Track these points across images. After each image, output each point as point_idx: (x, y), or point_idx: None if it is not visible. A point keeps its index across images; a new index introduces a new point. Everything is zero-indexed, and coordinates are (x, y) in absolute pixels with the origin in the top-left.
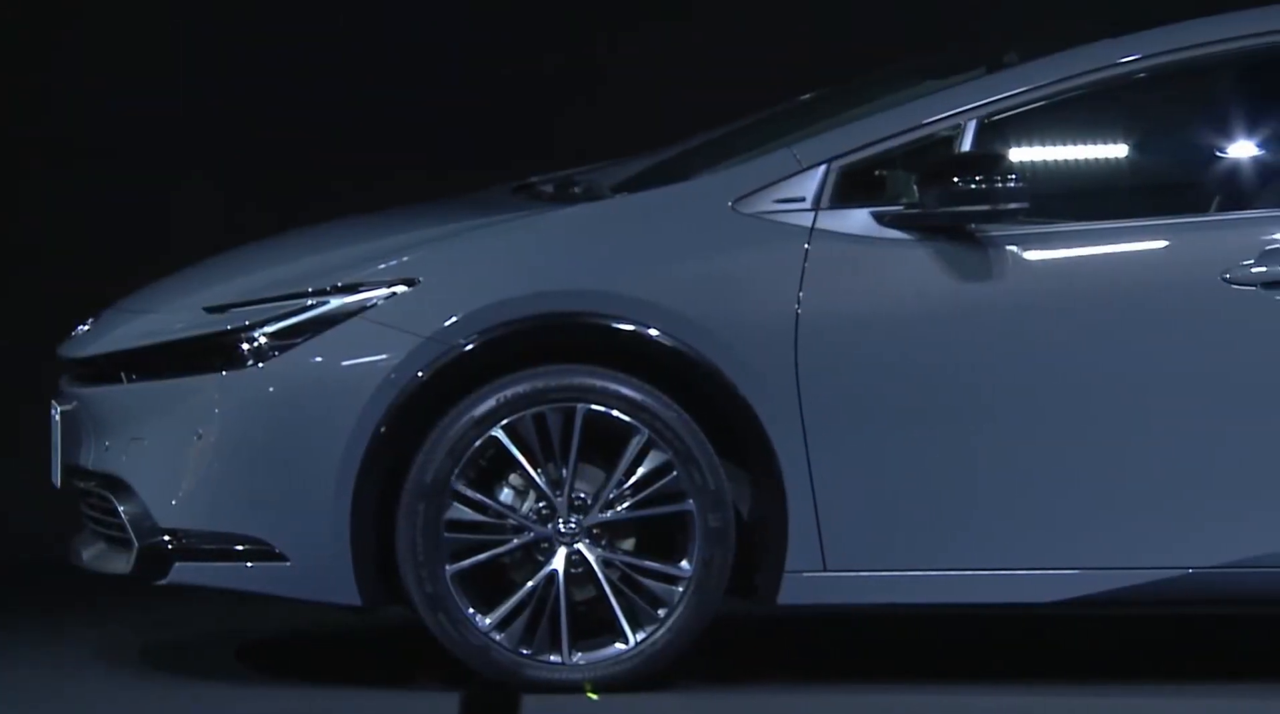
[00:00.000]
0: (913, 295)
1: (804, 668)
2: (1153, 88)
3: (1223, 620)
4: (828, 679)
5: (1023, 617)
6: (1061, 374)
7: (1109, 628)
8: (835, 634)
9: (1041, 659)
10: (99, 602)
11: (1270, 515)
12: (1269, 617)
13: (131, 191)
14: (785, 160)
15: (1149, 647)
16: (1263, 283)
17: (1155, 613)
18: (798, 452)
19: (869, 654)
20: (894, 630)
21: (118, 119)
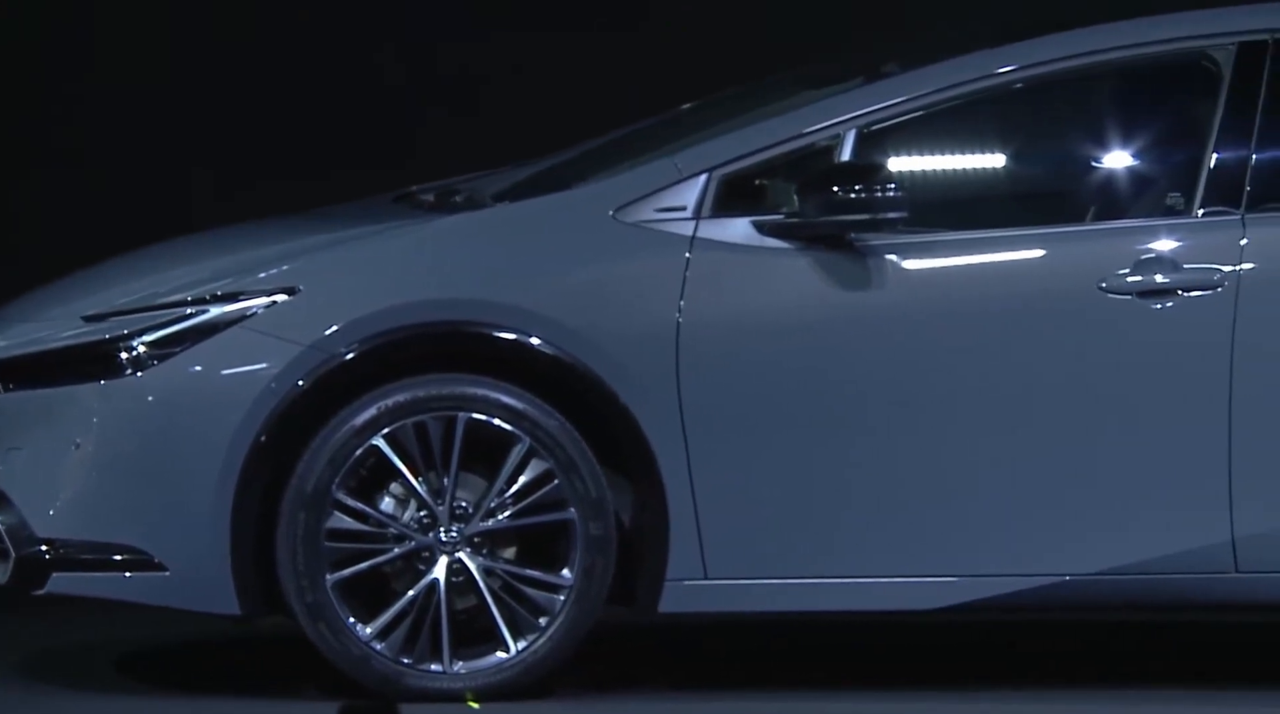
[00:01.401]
0: (793, 304)
1: (685, 676)
2: (1030, 98)
3: (1099, 628)
4: (709, 687)
5: (900, 624)
6: (940, 382)
7: (998, 632)
8: (717, 641)
9: (922, 665)
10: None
11: (1145, 523)
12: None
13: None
14: (666, 169)
15: (1028, 650)
16: (1138, 292)
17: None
18: (679, 460)
19: (750, 661)
20: (776, 637)
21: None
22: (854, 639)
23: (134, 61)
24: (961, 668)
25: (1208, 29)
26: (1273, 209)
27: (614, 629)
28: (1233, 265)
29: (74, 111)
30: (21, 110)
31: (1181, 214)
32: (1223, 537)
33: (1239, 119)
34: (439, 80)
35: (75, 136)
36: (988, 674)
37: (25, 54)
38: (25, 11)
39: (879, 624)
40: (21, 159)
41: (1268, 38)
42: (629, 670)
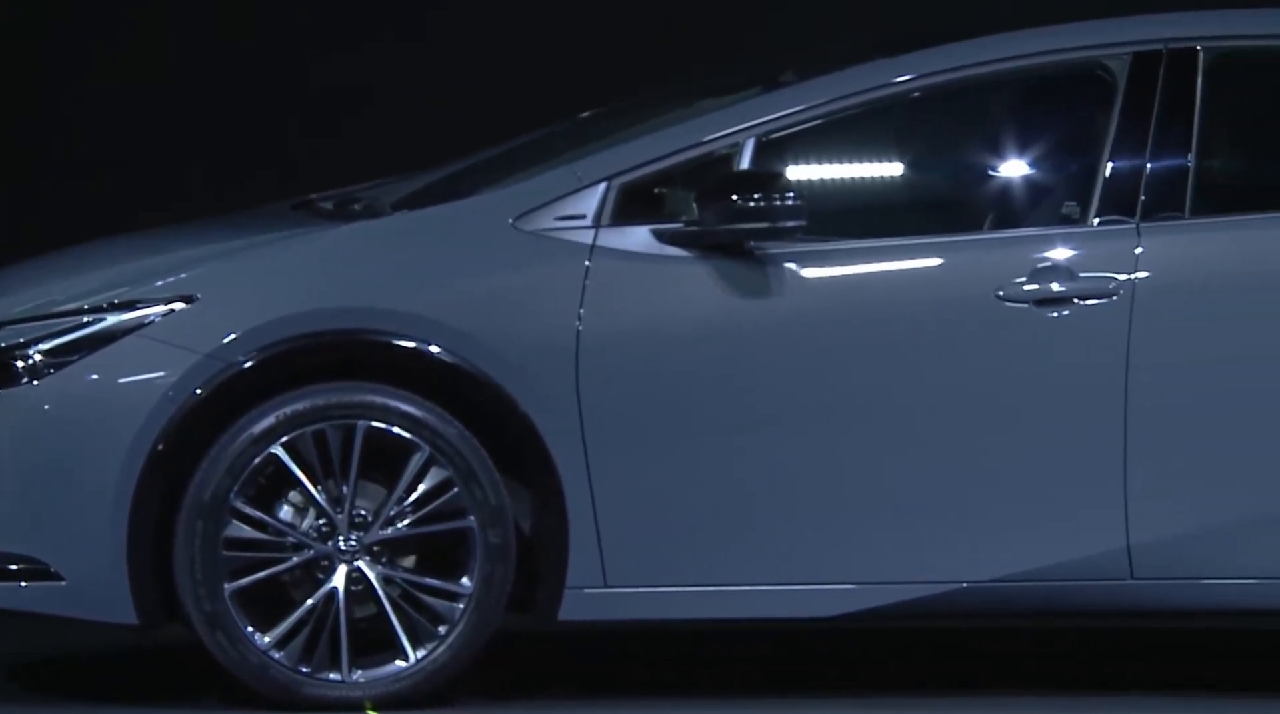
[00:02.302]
0: (692, 312)
1: (585, 683)
2: (927, 107)
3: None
4: (609, 695)
5: (806, 630)
6: (838, 390)
7: (884, 639)
8: (617, 649)
9: (824, 669)
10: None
11: (1042, 530)
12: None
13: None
14: (566, 177)
15: (919, 656)
16: (1035, 300)
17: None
18: (579, 468)
19: (651, 669)
20: (677, 645)
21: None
22: (755, 645)
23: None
24: (869, 671)
25: (1102, 39)
26: (1167, 218)
27: (515, 636)
28: (1128, 274)
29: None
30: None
31: (1077, 223)
32: (1118, 544)
33: (1134, 129)
34: (334, 89)
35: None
36: (897, 677)
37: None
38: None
39: (781, 630)
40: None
41: (1161, 48)
42: (529, 678)
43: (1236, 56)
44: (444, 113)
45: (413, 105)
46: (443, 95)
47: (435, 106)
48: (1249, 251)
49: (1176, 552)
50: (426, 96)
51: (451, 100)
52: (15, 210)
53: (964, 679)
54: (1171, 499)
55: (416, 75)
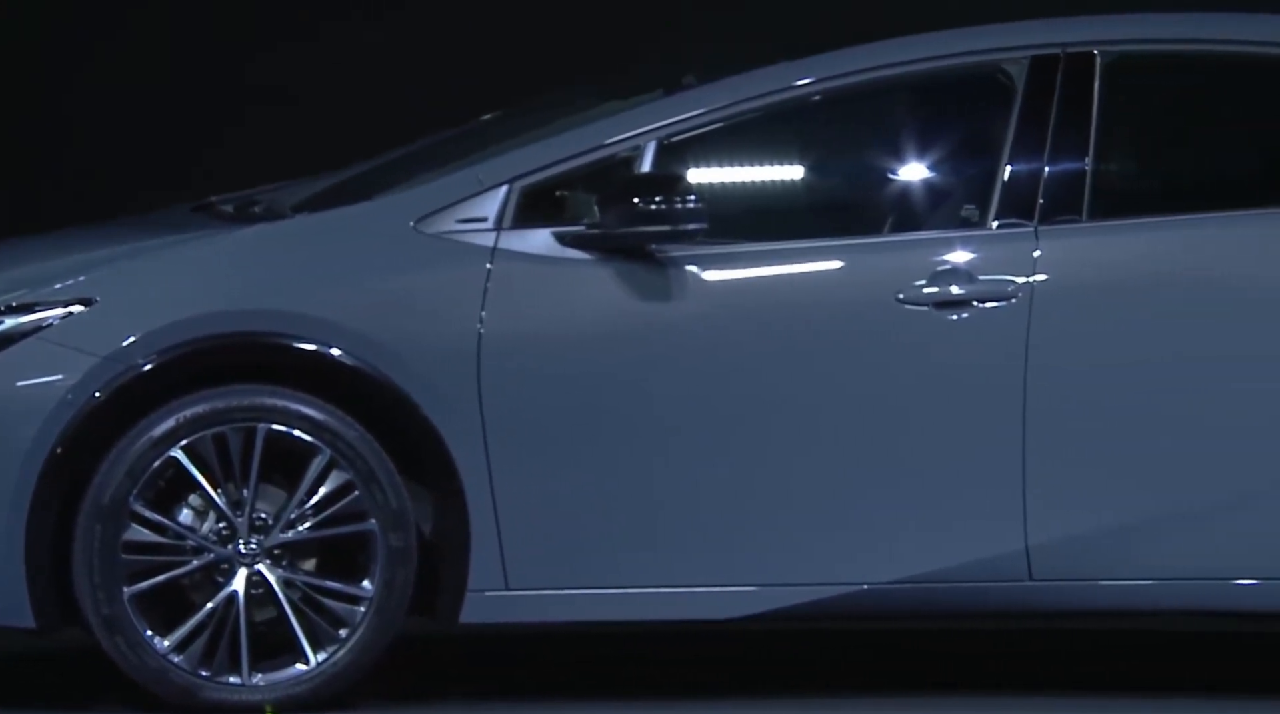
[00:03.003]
0: (593, 315)
1: (486, 686)
2: (828, 110)
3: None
4: (511, 697)
5: (703, 633)
6: (740, 393)
7: (780, 641)
8: (520, 652)
9: (731, 673)
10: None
11: (942, 532)
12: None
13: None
14: (467, 180)
15: (817, 660)
16: (935, 303)
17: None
18: (480, 471)
19: (553, 671)
20: (579, 648)
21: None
22: (658, 648)
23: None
24: (777, 671)
25: (1001, 43)
26: (1065, 221)
27: (417, 640)
28: (1026, 277)
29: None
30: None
31: (977, 226)
32: (1017, 545)
33: (1032, 132)
34: (236, 90)
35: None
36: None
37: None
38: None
39: (686, 632)
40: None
41: (1059, 51)
42: (431, 681)
43: (1133, 60)
44: (344, 115)
45: (313, 107)
46: (343, 97)
47: (336, 108)
48: (1146, 254)
49: (1075, 553)
50: (326, 99)
51: (352, 102)
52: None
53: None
54: (1070, 501)
55: (318, 78)
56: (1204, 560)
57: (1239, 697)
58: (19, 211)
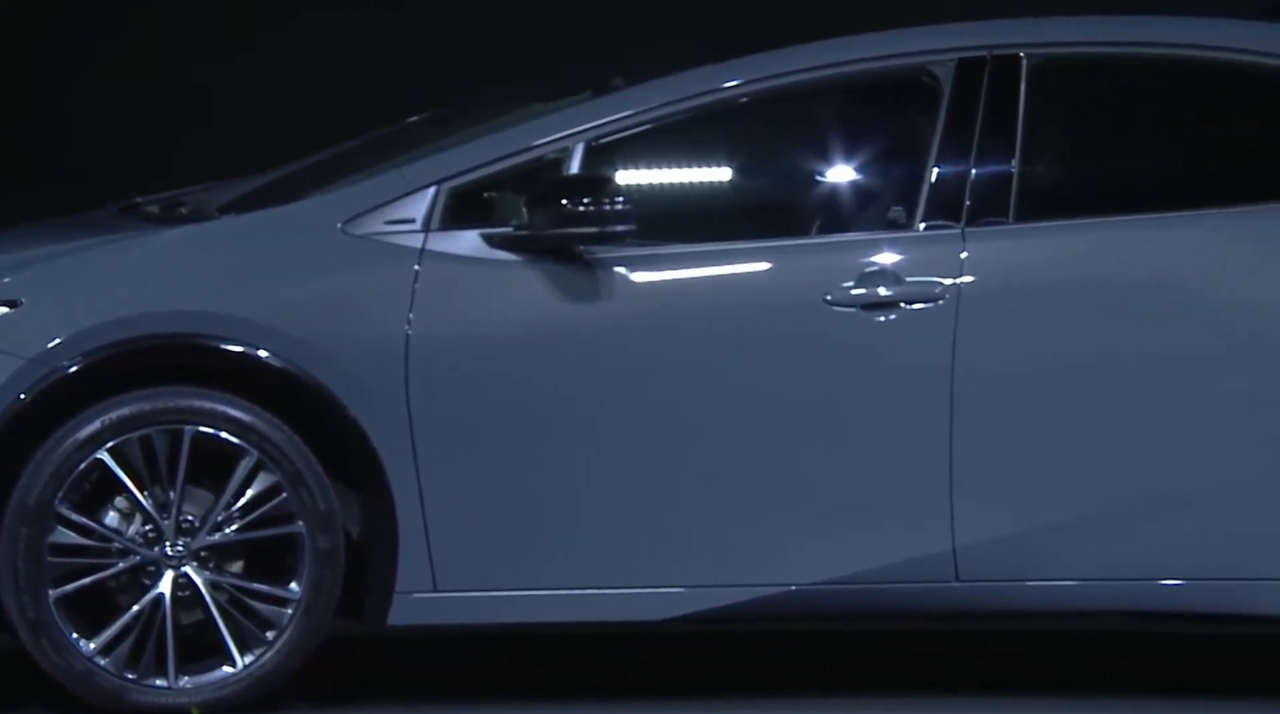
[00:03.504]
0: (521, 316)
1: (415, 687)
2: (756, 112)
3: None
4: (439, 699)
5: (640, 634)
6: (668, 394)
7: (712, 643)
8: (449, 653)
9: (653, 674)
10: None
11: (869, 533)
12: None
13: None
14: (395, 182)
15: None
16: (862, 304)
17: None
18: (408, 472)
19: (484, 675)
20: (507, 649)
21: None
22: (586, 648)
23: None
24: (706, 671)
25: (928, 45)
26: (991, 223)
27: (344, 641)
28: (953, 278)
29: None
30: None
31: (904, 228)
32: (944, 546)
33: (959, 134)
34: (164, 92)
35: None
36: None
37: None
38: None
39: (610, 634)
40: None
41: (985, 54)
42: (360, 682)
43: (1059, 63)
44: (271, 116)
45: (243, 108)
46: (270, 98)
47: (263, 109)
48: (1072, 256)
49: (1001, 554)
50: (256, 99)
51: (278, 103)
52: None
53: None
54: (996, 502)
55: (248, 78)
56: (1131, 561)
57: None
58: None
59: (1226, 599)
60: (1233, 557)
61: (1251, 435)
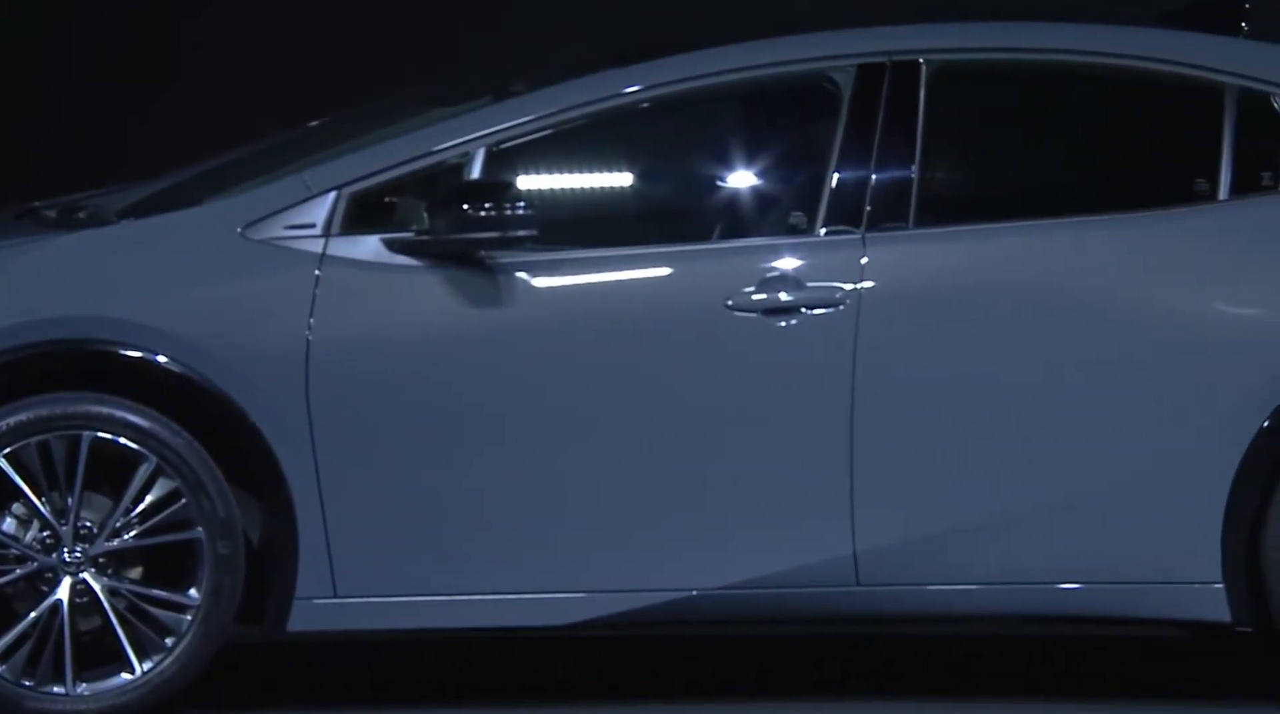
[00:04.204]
0: (422, 322)
1: (317, 694)
2: (657, 117)
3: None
4: (339, 705)
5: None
6: (568, 400)
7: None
8: (351, 658)
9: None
10: None
11: (770, 538)
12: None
13: None
14: (295, 186)
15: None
16: (763, 309)
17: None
18: (309, 478)
19: (383, 680)
20: (413, 655)
21: None
22: (495, 652)
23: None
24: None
25: (827, 51)
26: (891, 228)
27: (247, 648)
28: (854, 283)
29: None
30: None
31: (804, 233)
32: (844, 551)
33: (859, 140)
34: (57, 95)
35: None
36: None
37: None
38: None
39: (519, 639)
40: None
41: (885, 60)
42: (258, 689)
43: (959, 69)
44: (171, 118)
45: (138, 110)
46: (172, 99)
47: (162, 111)
48: (971, 261)
49: (901, 558)
50: (153, 101)
51: (180, 105)
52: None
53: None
54: (897, 507)
55: (144, 80)
56: (1030, 565)
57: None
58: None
59: (1124, 603)
60: (1130, 560)
61: (1148, 440)
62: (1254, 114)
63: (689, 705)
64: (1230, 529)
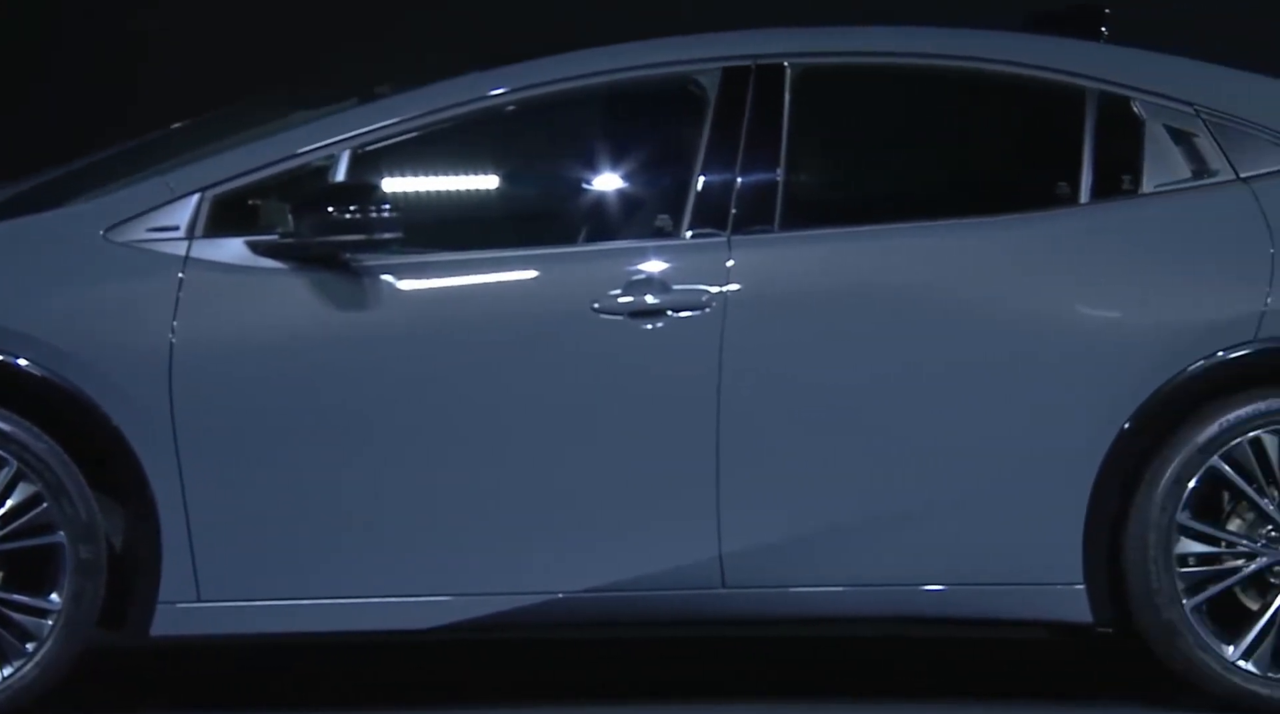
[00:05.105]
0: (287, 325)
1: (181, 699)
2: (523, 120)
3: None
4: (206, 707)
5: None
6: (433, 403)
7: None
8: (219, 663)
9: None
10: None
11: (637, 540)
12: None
13: None
14: (158, 189)
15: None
16: (629, 312)
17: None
18: (173, 481)
19: (248, 685)
20: (282, 659)
21: None
22: (358, 657)
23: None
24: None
25: (693, 54)
26: (757, 231)
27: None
28: (720, 286)
29: None
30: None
31: (671, 236)
32: (710, 553)
33: (724, 143)
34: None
35: None
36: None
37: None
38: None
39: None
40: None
41: (750, 63)
42: (122, 693)
43: (823, 72)
44: (31, 119)
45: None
46: (30, 99)
47: (23, 111)
48: (837, 264)
49: (767, 561)
50: (13, 101)
51: (41, 106)
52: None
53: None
54: (762, 509)
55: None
56: (895, 567)
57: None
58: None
59: (987, 604)
60: (993, 562)
61: (1010, 442)
62: (1114, 118)
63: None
64: (1091, 531)
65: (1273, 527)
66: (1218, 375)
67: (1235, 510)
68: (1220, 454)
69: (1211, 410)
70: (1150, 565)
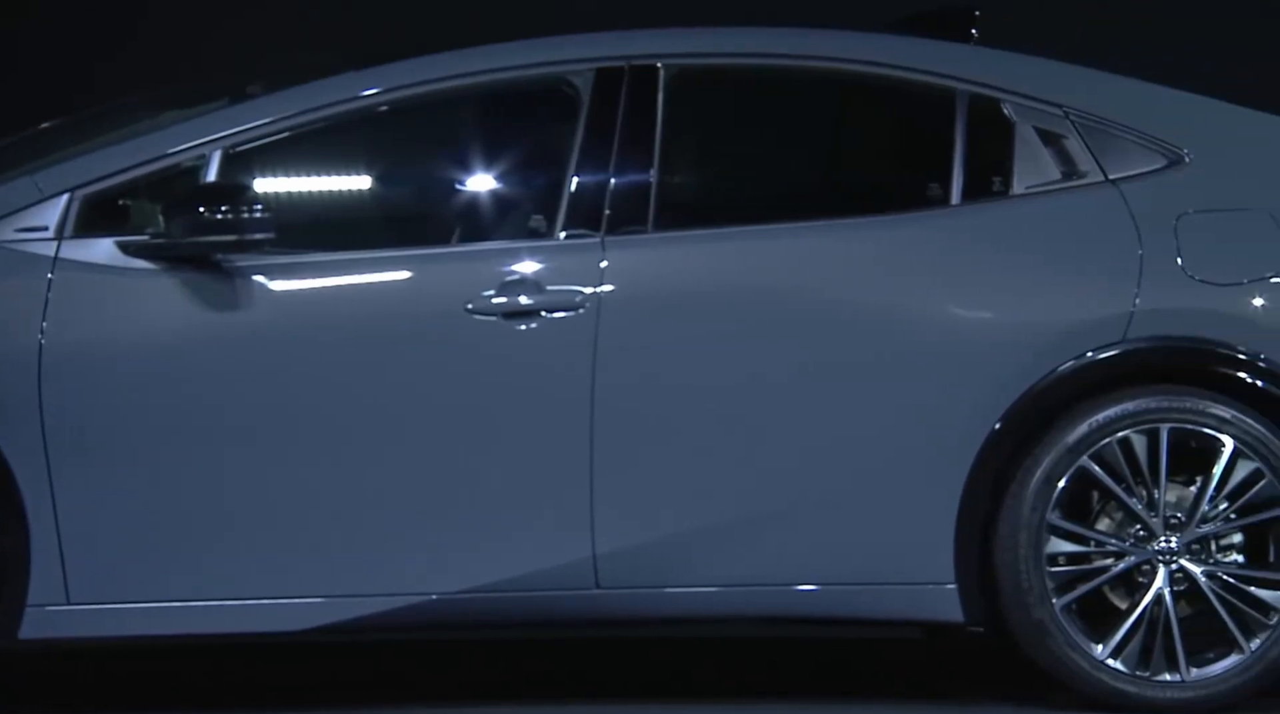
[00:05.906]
0: (159, 325)
1: (56, 704)
2: (396, 120)
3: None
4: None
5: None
6: (308, 403)
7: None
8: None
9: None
10: None
11: (510, 541)
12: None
13: None
14: (27, 189)
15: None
16: (503, 313)
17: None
18: (41, 483)
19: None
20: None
21: None
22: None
23: None
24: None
25: (566, 55)
26: (631, 232)
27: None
28: (593, 287)
29: None
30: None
31: (544, 237)
32: (584, 554)
33: (598, 144)
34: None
35: None
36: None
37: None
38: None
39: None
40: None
41: (624, 64)
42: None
43: (697, 73)
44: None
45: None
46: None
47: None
48: (711, 265)
49: (641, 561)
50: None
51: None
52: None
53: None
54: (636, 510)
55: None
56: (768, 567)
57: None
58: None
59: (860, 604)
60: (865, 562)
61: (883, 442)
62: (984, 120)
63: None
64: (962, 530)
65: (1141, 526)
66: (1087, 376)
67: (1104, 510)
68: (1089, 454)
69: (1081, 410)
70: (1021, 565)
